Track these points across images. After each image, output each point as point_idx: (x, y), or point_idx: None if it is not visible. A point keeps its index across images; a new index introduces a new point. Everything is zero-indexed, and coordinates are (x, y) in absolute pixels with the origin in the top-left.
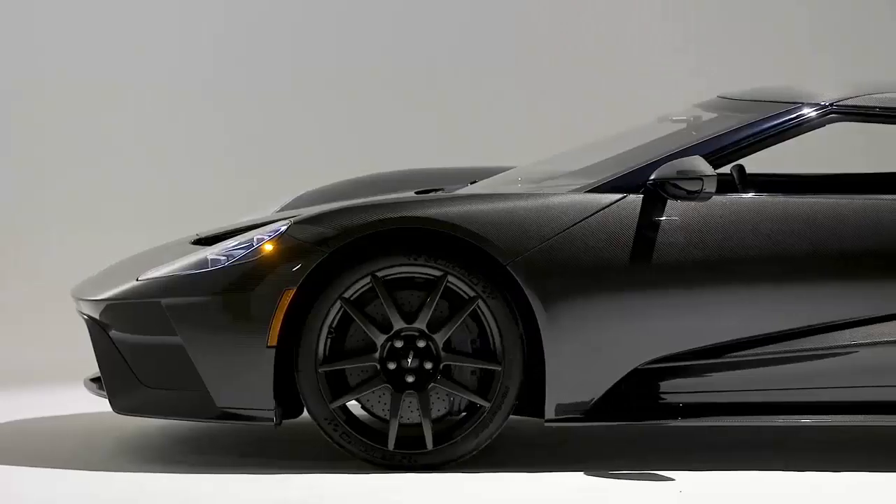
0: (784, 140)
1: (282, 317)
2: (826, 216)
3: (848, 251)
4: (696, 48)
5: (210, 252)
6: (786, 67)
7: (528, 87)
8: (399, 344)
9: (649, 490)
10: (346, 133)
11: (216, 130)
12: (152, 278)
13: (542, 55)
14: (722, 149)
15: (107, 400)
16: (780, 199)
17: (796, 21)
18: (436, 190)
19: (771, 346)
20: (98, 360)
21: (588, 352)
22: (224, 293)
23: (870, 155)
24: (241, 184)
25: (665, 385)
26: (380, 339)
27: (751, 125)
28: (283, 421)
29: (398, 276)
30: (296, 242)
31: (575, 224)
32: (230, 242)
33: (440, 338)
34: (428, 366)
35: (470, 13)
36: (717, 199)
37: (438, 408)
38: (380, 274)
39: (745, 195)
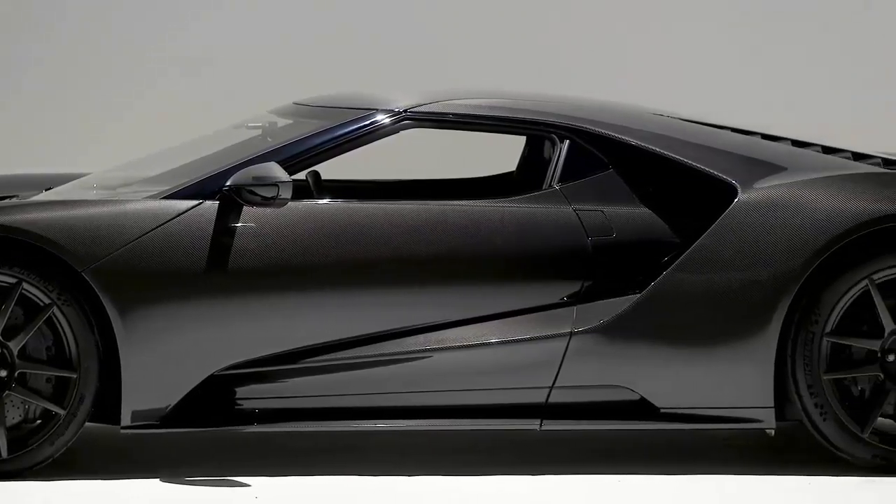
0: (359, 146)
1: None
2: (401, 222)
3: (421, 257)
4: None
5: None
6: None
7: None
8: None
9: (225, 496)
10: None
11: None
12: None
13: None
14: (297, 155)
15: None
16: (355, 205)
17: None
18: (10, 197)
19: (347, 351)
20: None
21: (164, 358)
22: None
23: (446, 161)
24: None
25: (242, 391)
26: None
27: (325, 131)
28: None
29: None
30: None
31: (150, 231)
32: None
33: (15, 345)
34: (2, 373)
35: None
36: (292, 205)
37: (13, 415)
38: None
39: (320, 201)
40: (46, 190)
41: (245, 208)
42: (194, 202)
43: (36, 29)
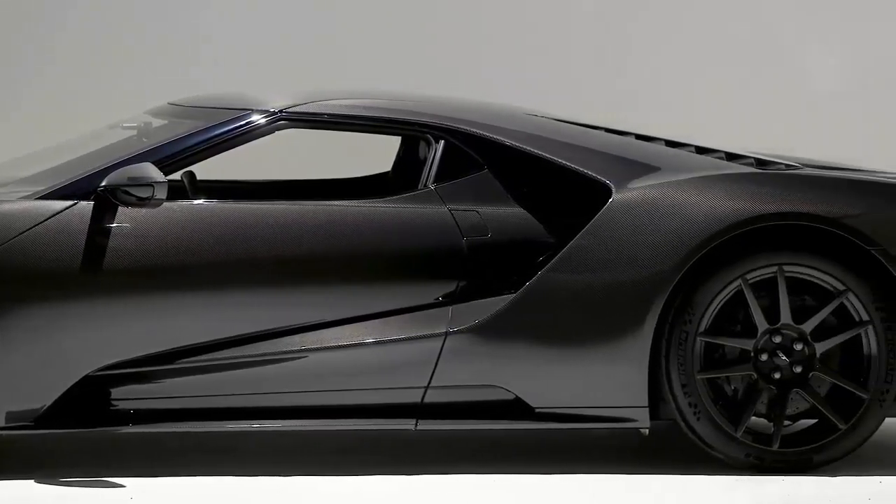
0: (234, 146)
1: None
2: (277, 222)
3: (296, 257)
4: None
5: None
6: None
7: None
8: None
9: (100, 496)
10: None
11: None
12: None
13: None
14: (172, 155)
15: None
16: (231, 205)
17: None
18: None
19: (223, 351)
20: None
21: (39, 359)
22: None
23: (321, 161)
24: None
25: (118, 391)
26: None
27: (200, 132)
28: None
29: None
30: None
31: (24, 231)
32: None
33: None
34: None
35: None
36: (168, 205)
37: None
38: None
39: (196, 201)
40: None
41: (120, 209)
42: (69, 202)
43: None
